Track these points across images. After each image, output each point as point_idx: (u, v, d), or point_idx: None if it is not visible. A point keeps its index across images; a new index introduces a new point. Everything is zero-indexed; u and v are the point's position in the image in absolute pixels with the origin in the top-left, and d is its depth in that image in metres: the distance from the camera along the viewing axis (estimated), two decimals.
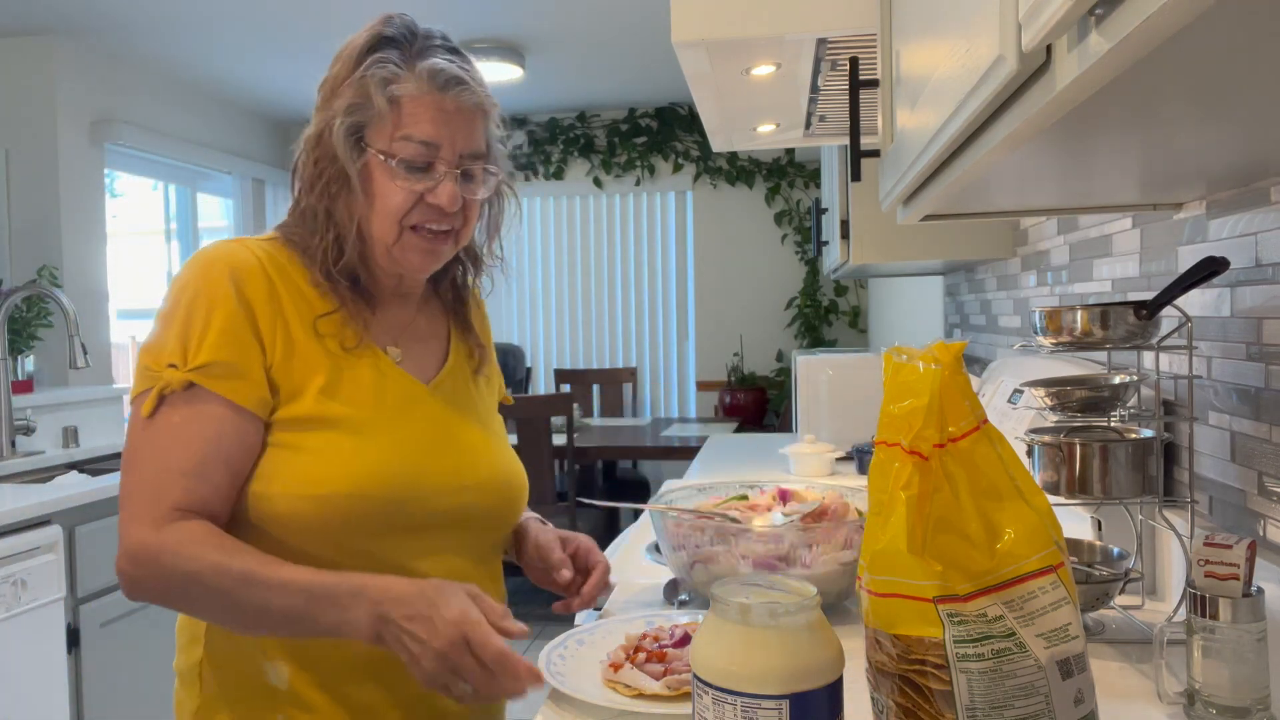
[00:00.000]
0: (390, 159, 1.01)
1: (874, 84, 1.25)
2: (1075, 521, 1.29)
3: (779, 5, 1.40)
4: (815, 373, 2.77)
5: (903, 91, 1.07)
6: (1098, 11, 0.48)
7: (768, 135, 2.17)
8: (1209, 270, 0.99)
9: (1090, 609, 1.10)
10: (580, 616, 1.29)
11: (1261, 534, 1.04)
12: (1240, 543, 0.85)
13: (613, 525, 4.39)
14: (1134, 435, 1.11)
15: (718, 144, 2.25)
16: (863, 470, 2.47)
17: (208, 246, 1.05)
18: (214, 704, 1.03)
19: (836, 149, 2.64)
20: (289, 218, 1.09)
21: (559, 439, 3.95)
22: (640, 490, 5.09)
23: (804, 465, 2.44)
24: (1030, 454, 1.13)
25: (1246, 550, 0.85)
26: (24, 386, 3.24)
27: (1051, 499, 0.78)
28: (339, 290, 1.05)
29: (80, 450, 3.17)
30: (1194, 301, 1.17)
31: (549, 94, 5.19)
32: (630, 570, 1.50)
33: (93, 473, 3.00)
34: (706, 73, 1.63)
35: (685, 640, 0.97)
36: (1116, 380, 1.15)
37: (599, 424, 4.99)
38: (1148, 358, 1.22)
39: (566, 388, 5.45)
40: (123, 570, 0.95)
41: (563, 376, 5.55)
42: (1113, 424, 1.15)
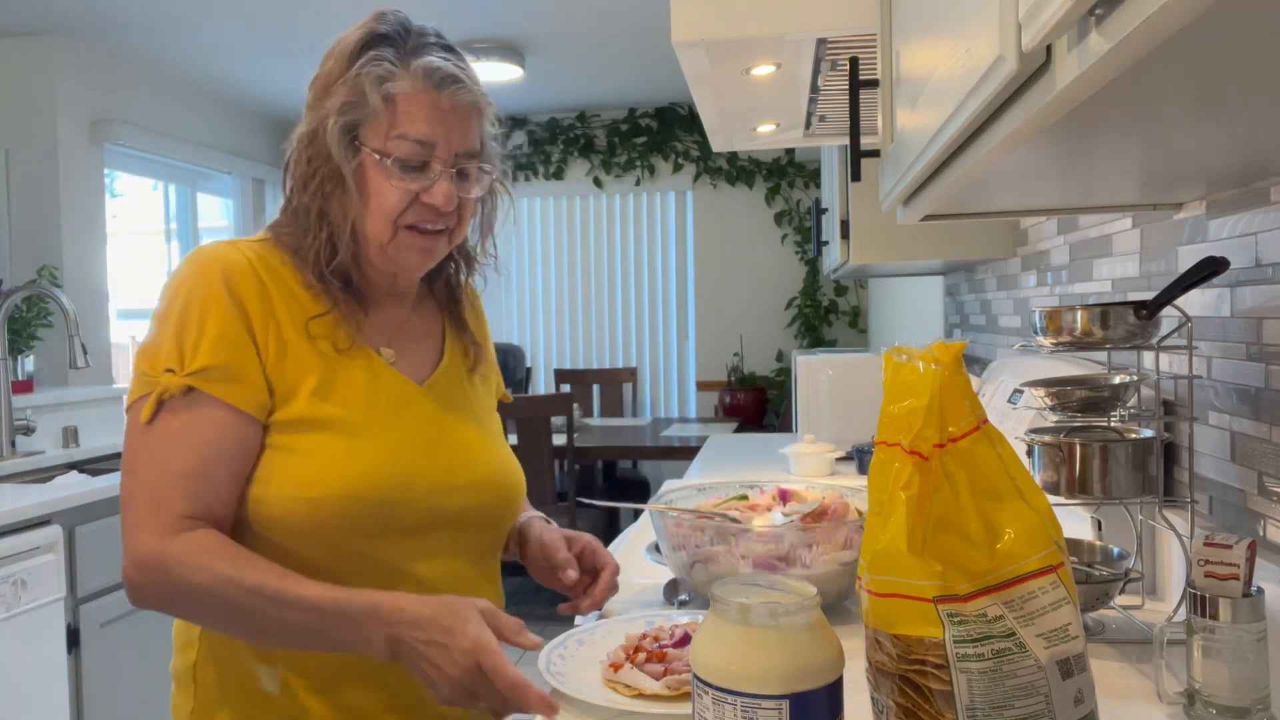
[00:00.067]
0: (385, 158, 0.99)
1: (874, 84, 1.25)
2: (1075, 521, 1.29)
3: (779, 5, 1.40)
4: (815, 373, 2.77)
5: (903, 91, 1.07)
6: (1098, 11, 0.48)
7: (768, 135, 2.17)
8: (1209, 270, 0.99)
9: (1090, 609, 1.10)
10: (581, 616, 1.29)
11: (1261, 534, 1.04)
12: (1240, 543, 0.85)
13: (613, 525, 4.40)
14: (1134, 435, 1.11)
15: (718, 144, 2.25)
16: (863, 470, 2.47)
17: (199, 249, 1.04)
18: (210, 707, 1.02)
19: (836, 149, 2.64)
20: (280, 217, 1.08)
21: (559, 439, 3.95)
22: (640, 490, 5.09)
23: (804, 465, 2.44)
24: (1030, 454, 1.13)
25: (1246, 550, 0.85)
26: (24, 386, 3.24)
27: (1051, 499, 0.78)
28: (331, 291, 1.04)
29: (80, 450, 3.17)
30: (1194, 301, 1.17)
31: (549, 94, 5.19)
32: (630, 570, 1.50)
33: (93, 473, 3.00)
34: (706, 73, 1.63)
35: (685, 640, 0.97)
36: (1116, 380, 1.15)
37: (599, 424, 4.99)
38: (1148, 358, 1.22)
39: (566, 388, 5.45)
40: (129, 578, 0.94)
41: (563, 376, 5.55)
42: (1113, 424, 1.15)
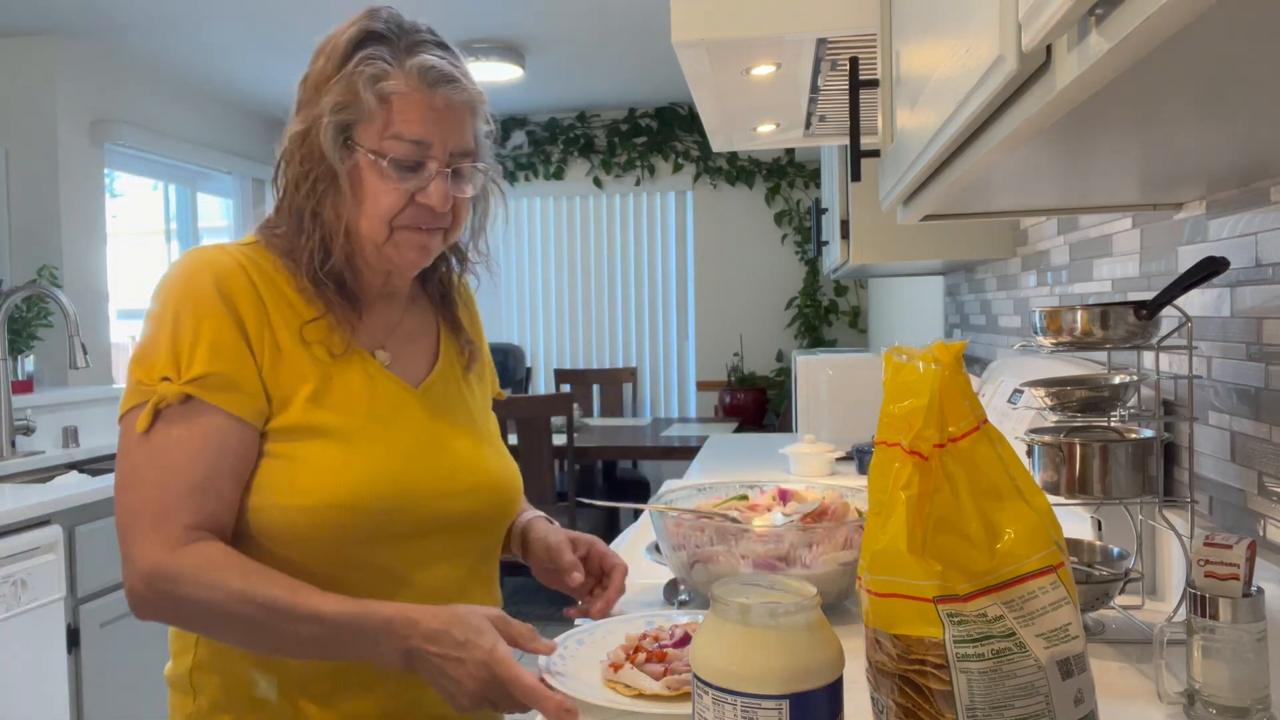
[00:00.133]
0: (380, 158, 0.98)
1: (874, 84, 1.25)
2: (1075, 521, 1.29)
3: (779, 5, 1.40)
4: (815, 373, 2.77)
5: (903, 91, 1.07)
6: (1098, 11, 0.48)
7: (768, 135, 2.17)
8: (1209, 270, 0.99)
9: (1090, 609, 1.10)
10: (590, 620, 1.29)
11: (1261, 534, 1.04)
12: (1240, 543, 0.85)
13: (613, 525, 4.40)
14: (1134, 435, 1.11)
15: (718, 144, 2.25)
16: (863, 470, 2.47)
17: (188, 254, 1.02)
18: (207, 713, 1.02)
19: (836, 149, 2.64)
20: (272, 218, 1.06)
21: (559, 439, 3.95)
22: (640, 490, 5.09)
23: (804, 465, 2.44)
24: (1030, 454, 1.12)
25: (1246, 550, 0.85)
26: (24, 386, 3.24)
27: (1051, 499, 0.78)
28: (325, 294, 1.02)
29: (80, 450, 3.17)
30: (1194, 301, 1.17)
31: (549, 94, 5.19)
32: (630, 570, 1.49)
33: (93, 473, 3.00)
34: (706, 73, 1.63)
35: (685, 640, 0.97)
36: (1116, 380, 1.15)
37: (599, 424, 4.99)
38: (1148, 358, 1.22)
39: (566, 388, 5.45)
40: (136, 591, 0.92)
41: (563, 376, 5.55)
42: (1113, 424, 1.15)
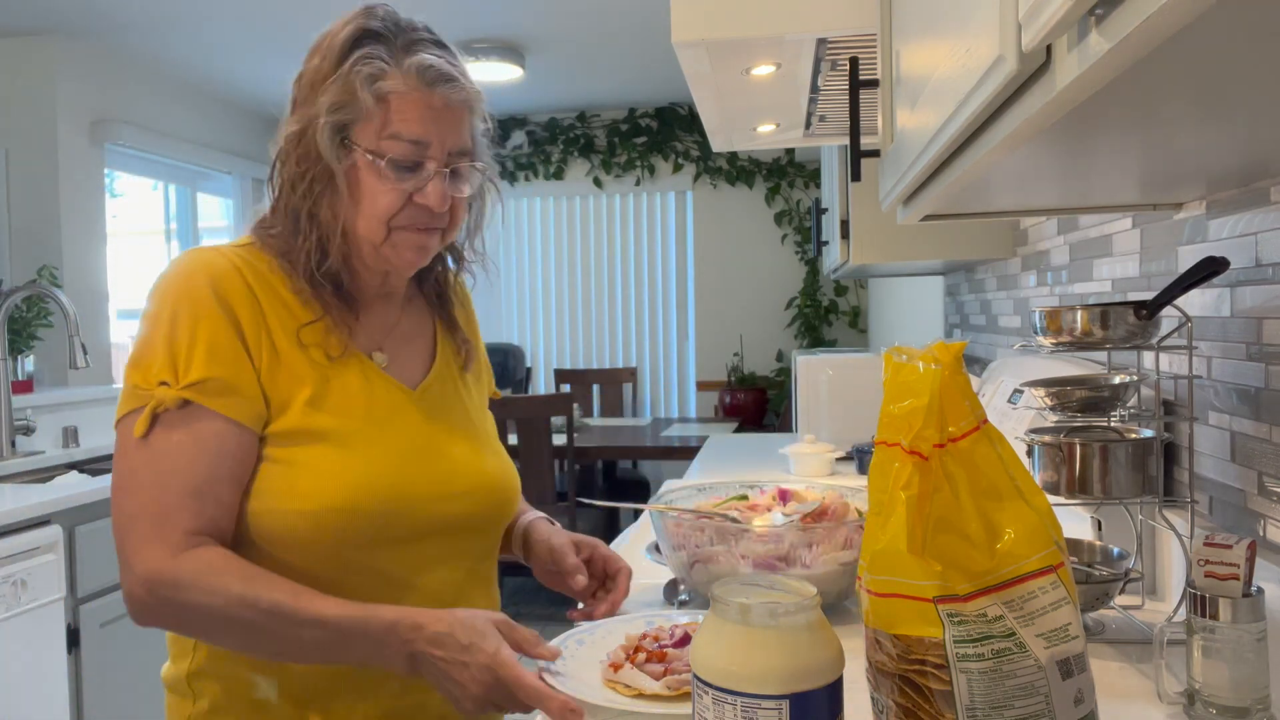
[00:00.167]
0: (379, 159, 0.97)
1: (874, 84, 1.25)
2: (1075, 521, 1.29)
3: (779, 5, 1.40)
4: (815, 373, 2.77)
5: (903, 91, 1.07)
6: (1098, 11, 0.48)
7: (768, 135, 2.17)
8: (1209, 270, 0.99)
9: (1090, 609, 1.10)
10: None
11: (1261, 534, 1.04)
12: (1240, 543, 0.85)
13: (613, 525, 4.40)
14: (1134, 435, 1.11)
15: (718, 144, 2.25)
16: (863, 470, 2.47)
17: (183, 257, 1.01)
18: (205, 717, 1.01)
19: (836, 149, 2.64)
20: (267, 217, 1.05)
21: (559, 439, 3.95)
22: (640, 490, 5.09)
23: (804, 465, 2.44)
24: (1030, 454, 1.13)
25: (1246, 550, 0.85)
26: (24, 386, 3.24)
27: (1051, 499, 0.78)
28: (322, 296, 1.01)
29: (80, 450, 3.17)
30: (1194, 301, 1.17)
31: (549, 94, 5.19)
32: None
33: (93, 473, 3.00)
34: (706, 73, 1.63)
35: (685, 640, 0.97)
36: (1116, 380, 1.15)
37: (599, 424, 4.99)
38: (1148, 358, 1.22)
39: (566, 388, 5.45)
40: (136, 597, 0.91)
41: (563, 376, 5.55)
42: (1113, 424, 1.15)
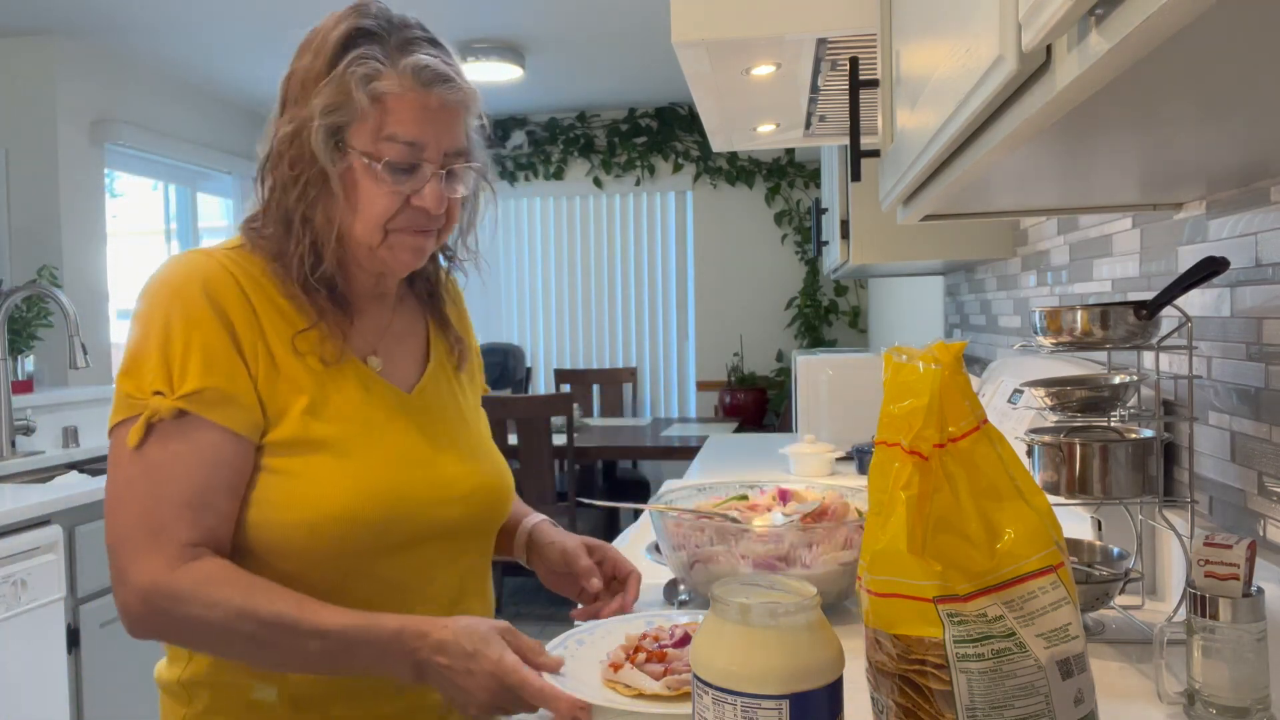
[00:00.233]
0: (375, 162, 0.95)
1: (874, 84, 1.25)
2: (1075, 521, 1.29)
3: (779, 5, 1.40)
4: (815, 373, 2.77)
5: (903, 91, 1.07)
6: (1098, 11, 0.48)
7: (768, 135, 2.17)
8: (1209, 270, 0.99)
9: (1090, 609, 1.10)
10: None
11: (1261, 534, 1.04)
12: (1240, 543, 0.85)
13: (613, 525, 4.40)
14: (1134, 435, 1.11)
15: (718, 144, 2.25)
16: (863, 470, 2.47)
17: (174, 261, 0.99)
18: (200, 719, 1.00)
19: (836, 149, 2.64)
20: (257, 220, 1.03)
21: (559, 439, 3.95)
22: (640, 490, 5.09)
23: (804, 465, 2.44)
24: (1030, 454, 1.12)
25: (1246, 550, 0.85)
26: (24, 386, 3.24)
27: (1051, 499, 0.78)
28: (316, 301, 1.00)
29: (80, 450, 3.17)
30: (1194, 301, 1.17)
31: (549, 94, 5.19)
32: None
33: (93, 473, 3.00)
34: (706, 73, 1.63)
35: (685, 640, 0.97)
36: (1116, 380, 1.15)
37: (599, 424, 4.99)
38: (1148, 358, 1.22)
39: (566, 388, 5.45)
40: (131, 610, 0.90)
41: (563, 376, 5.55)
42: (1113, 424, 1.15)
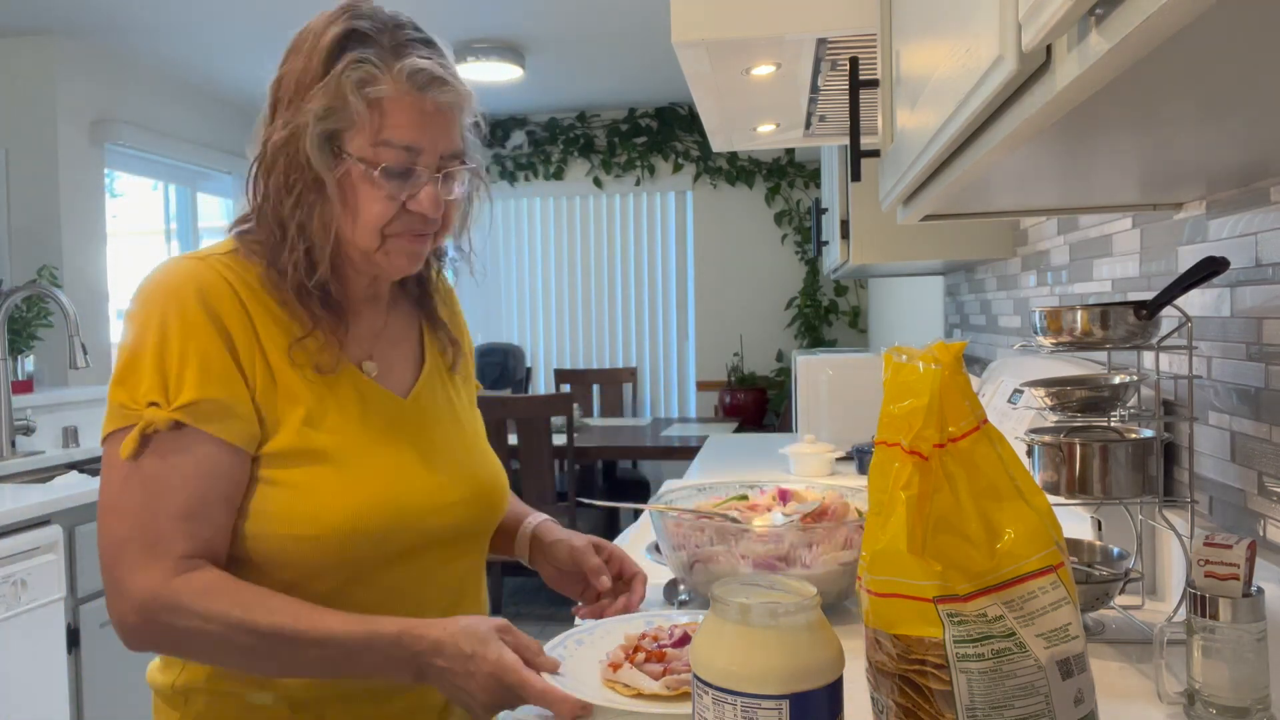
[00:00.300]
0: (372, 168, 0.94)
1: (874, 84, 1.25)
2: (1075, 521, 1.29)
3: (779, 5, 1.40)
4: (815, 373, 2.77)
5: (903, 91, 1.07)
6: (1098, 11, 0.48)
7: (768, 135, 2.17)
8: (1209, 270, 0.99)
9: (1090, 609, 1.10)
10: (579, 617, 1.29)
11: (1261, 534, 1.04)
12: (1240, 543, 0.85)
13: (613, 525, 4.40)
14: (1134, 435, 1.11)
15: (718, 144, 2.24)
16: (863, 470, 2.47)
17: (167, 266, 0.97)
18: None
19: (836, 149, 2.64)
20: (248, 223, 1.02)
21: (559, 439, 3.95)
22: (640, 490, 5.09)
23: (804, 465, 2.44)
24: (1030, 454, 1.12)
25: (1246, 550, 0.85)
26: (24, 386, 3.24)
27: (1051, 499, 0.78)
28: (310, 308, 0.99)
29: (80, 450, 3.17)
30: (1194, 301, 1.17)
31: (549, 94, 5.19)
32: None
33: (93, 473, 3.00)
34: (706, 73, 1.63)
35: (684, 640, 0.97)
36: (1116, 380, 1.15)
37: (599, 424, 4.99)
38: (1148, 358, 1.22)
39: (566, 388, 5.45)
40: (127, 622, 0.90)
41: (563, 376, 5.55)
42: (1113, 424, 1.15)
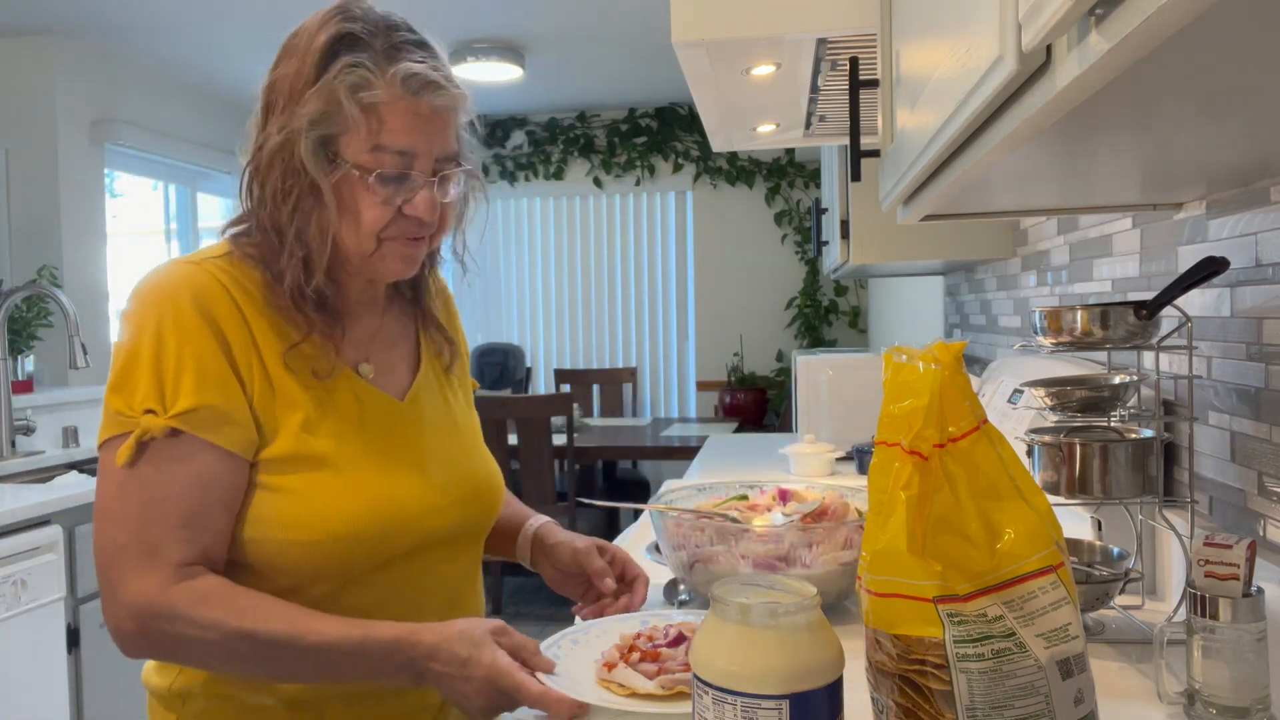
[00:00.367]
0: (367, 174, 0.94)
1: (874, 84, 1.25)
2: (1075, 521, 1.29)
3: (779, 5, 1.40)
4: (815, 373, 2.77)
5: (903, 91, 1.07)
6: (1098, 11, 0.48)
7: (768, 135, 2.17)
8: (1209, 270, 0.99)
9: (1090, 609, 1.10)
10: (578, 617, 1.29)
11: (1261, 534, 1.04)
12: (1240, 543, 0.85)
13: (613, 525, 4.40)
14: (1134, 435, 1.11)
15: (718, 144, 2.24)
16: (863, 470, 2.47)
17: (162, 270, 0.97)
18: None
19: (836, 149, 2.64)
20: (242, 227, 1.02)
21: (559, 439, 3.95)
22: (640, 490, 5.09)
23: (804, 465, 2.44)
24: (1030, 454, 1.12)
25: (1246, 550, 0.85)
26: (24, 386, 3.24)
27: (1051, 499, 0.78)
28: (307, 313, 0.98)
29: (80, 450, 3.17)
30: (1194, 301, 1.17)
31: (549, 94, 5.19)
32: None
33: (93, 473, 2.99)
34: (706, 73, 1.63)
35: (679, 640, 0.97)
36: (1116, 380, 1.15)
37: (599, 424, 4.99)
38: (1148, 358, 1.22)
39: (566, 388, 5.45)
40: (124, 630, 0.89)
41: (563, 376, 5.55)
42: (1113, 424, 1.15)
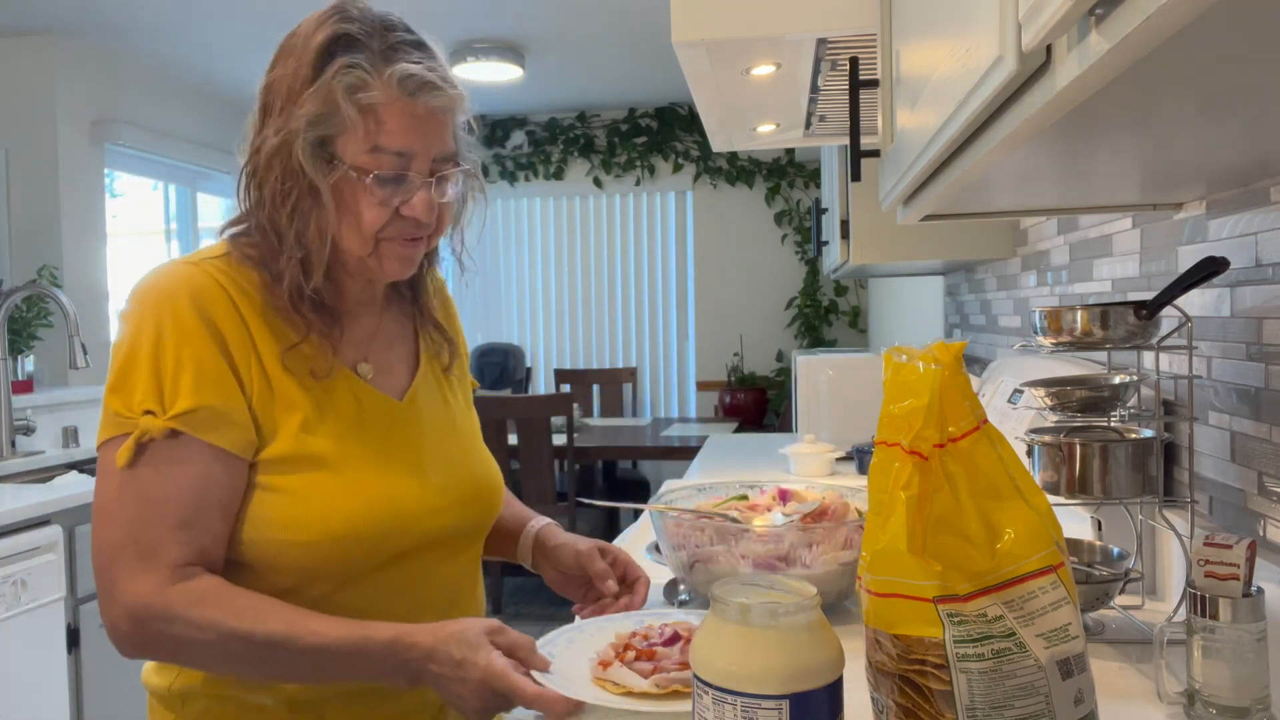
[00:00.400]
0: (364, 175, 0.94)
1: (874, 84, 1.25)
2: (1075, 521, 1.29)
3: (779, 5, 1.40)
4: (815, 373, 2.77)
5: (903, 91, 1.07)
6: (1098, 11, 0.48)
7: (768, 135, 2.17)
8: (1209, 270, 0.99)
9: (1090, 609, 1.10)
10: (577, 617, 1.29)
11: (1261, 534, 1.04)
12: (1240, 543, 0.85)
13: (613, 525, 4.40)
14: (1134, 435, 1.11)
15: (718, 144, 2.24)
16: (863, 470, 2.47)
17: (160, 270, 0.98)
18: None
19: (836, 149, 2.64)
20: (240, 227, 1.02)
21: (559, 439, 3.95)
22: (640, 490, 5.09)
23: (804, 465, 2.44)
24: (1030, 454, 1.12)
25: (1246, 550, 0.85)
26: (24, 386, 3.24)
27: (1051, 499, 0.78)
28: (305, 314, 0.98)
29: (80, 450, 3.17)
30: (1194, 301, 1.17)
31: (549, 94, 5.19)
32: None
33: (93, 473, 2.99)
34: (706, 73, 1.63)
35: (674, 639, 0.97)
36: (1116, 380, 1.15)
37: (599, 424, 4.99)
38: (1148, 358, 1.22)
39: (566, 388, 5.45)
40: (120, 630, 0.89)
41: (563, 376, 5.56)
42: (1113, 424, 1.15)
